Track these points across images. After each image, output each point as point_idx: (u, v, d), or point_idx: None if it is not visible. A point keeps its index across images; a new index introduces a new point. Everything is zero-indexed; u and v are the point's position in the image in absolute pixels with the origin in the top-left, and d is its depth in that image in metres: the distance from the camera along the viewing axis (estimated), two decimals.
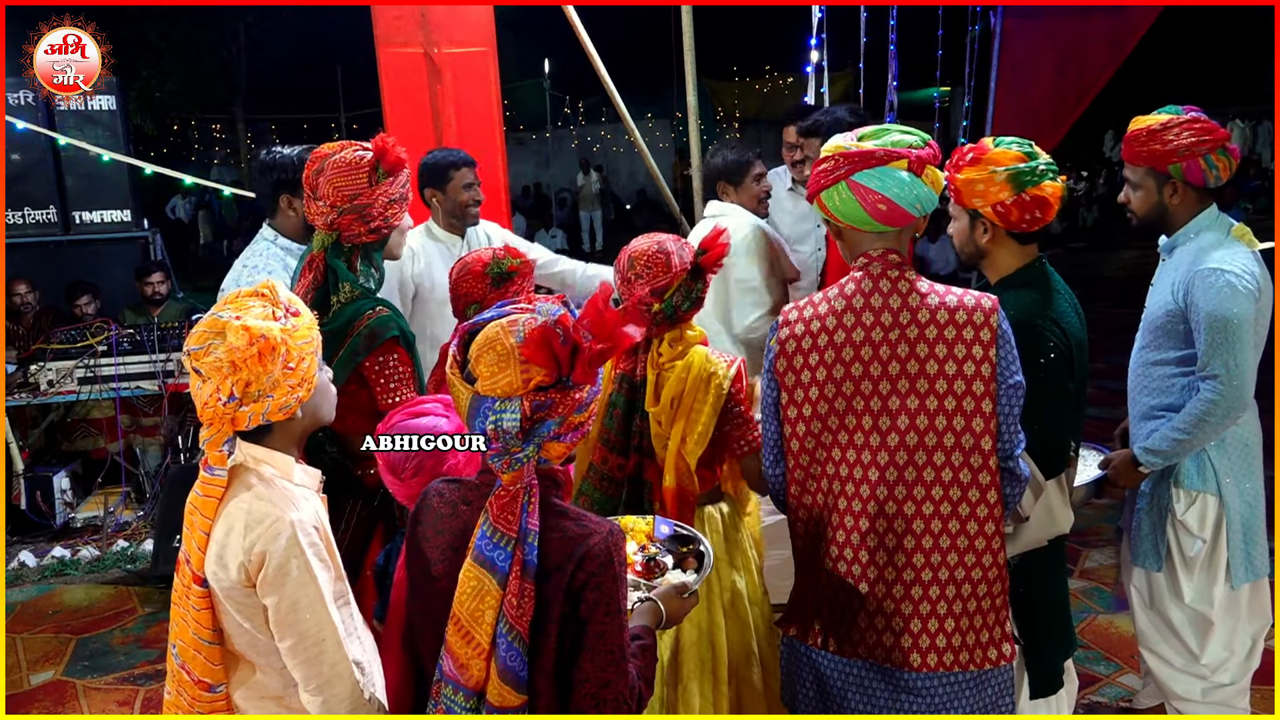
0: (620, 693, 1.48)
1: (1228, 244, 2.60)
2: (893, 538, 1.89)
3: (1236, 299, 2.50)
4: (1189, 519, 2.68)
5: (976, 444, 1.86)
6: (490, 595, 1.43)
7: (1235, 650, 2.75)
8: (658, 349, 2.29)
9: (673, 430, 2.25)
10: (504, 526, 1.44)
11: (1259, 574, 2.73)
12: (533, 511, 1.46)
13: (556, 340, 1.42)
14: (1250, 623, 2.77)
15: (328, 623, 1.63)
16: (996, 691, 1.96)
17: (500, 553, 1.43)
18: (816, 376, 1.92)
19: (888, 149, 1.85)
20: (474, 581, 1.44)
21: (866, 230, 1.91)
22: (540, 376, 1.42)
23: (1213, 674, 2.75)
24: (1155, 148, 2.53)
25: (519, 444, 1.43)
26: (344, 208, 2.28)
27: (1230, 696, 2.81)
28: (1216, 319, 2.49)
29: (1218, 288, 2.50)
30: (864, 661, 1.94)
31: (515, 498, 1.45)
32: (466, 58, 4.24)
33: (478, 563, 1.44)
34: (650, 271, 2.27)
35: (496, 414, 1.43)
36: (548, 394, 1.44)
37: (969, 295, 1.89)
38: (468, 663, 1.44)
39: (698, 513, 2.35)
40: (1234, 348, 2.50)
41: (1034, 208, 2.15)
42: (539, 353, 1.41)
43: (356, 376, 2.27)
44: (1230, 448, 2.67)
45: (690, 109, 4.68)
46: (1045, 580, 2.36)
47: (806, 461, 1.96)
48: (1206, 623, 2.72)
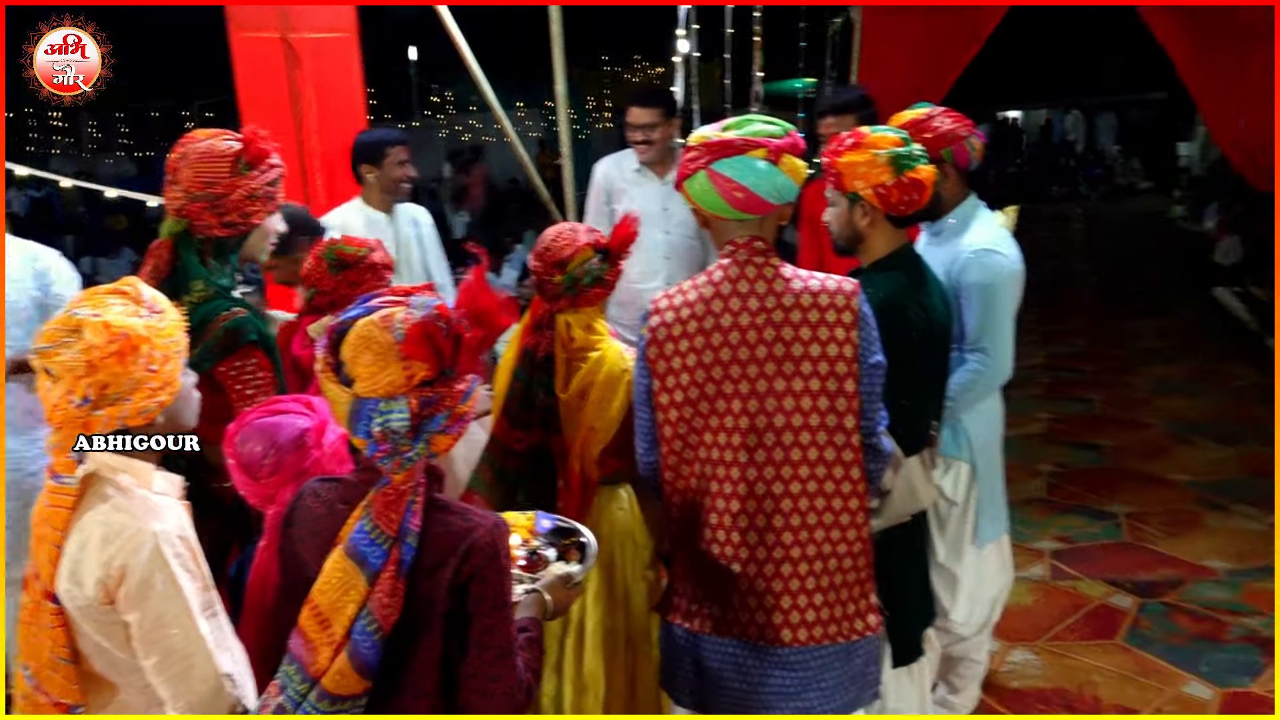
0: (509, 687, 1.48)
1: (991, 226, 2.81)
2: (763, 518, 1.95)
3: (1004, 277, 2.73)
4: (944, 484, 2.84)
5: (840, 423, 1.93)
6: (356, 590, 1.41)
7: (979, 605, 2.96)
8: (568, 332, 2.29)
9: (580, 419, 2.28)
10: (384, 525, 1.42)
11: (1000, 534, 2.99)
12: (417, 510, 1.44)
13: (440, 333, 1.40)
14: (993, 580, 3.00)
15: (196, 636, 1.57)
16: (864, 660, 2.05)
17: (375, 550, 1.41)
18: (687, 363, 1.96)
19: (746, 138, 1.90)
20: (341, 574, 1.41)
21: (729, 219, 1.96)
22: (424, 372, 1.41)
23: (958, 628, 2.95)
24: (926, 136, 2.64)
25: (409, 443, 1.41)
26: (197, 194, 2.18)
27: (970, 649, 3.04)
28: (987, 296, 2.69)
29: (988, 266, 2.71)
30: (738, 640, 2.00)
31: (402, 496, 1.43)
32: (327, 44, 4.09)
33: (349, 556, 1.42)
34: (556, 244, 2.30)
35: (384, 415, 1.40)
36: (434, 388, 1.42)
37: (831, 280, 1.96)
38: (318, 648, 1.42)
39: (606, 491, 2.38)
40: (1000, 323, 2.72)
41: (912, 190, 2.24)
42: (421, 348, 1.39)
43: (209, 382, 2.16)
44: (981, 417, 2.87)
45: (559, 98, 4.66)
46: (906, 553, 2.47)
47: (680, 447, 2.00)
48: (955, 580, 2.90)
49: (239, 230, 2.26)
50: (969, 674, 3.12)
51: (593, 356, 2.28)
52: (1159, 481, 5.11)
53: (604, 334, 2.33)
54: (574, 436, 2.28)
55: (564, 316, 2.30)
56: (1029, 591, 3.99)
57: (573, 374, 2.28)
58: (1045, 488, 5.10)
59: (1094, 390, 6.80)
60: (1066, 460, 5.48)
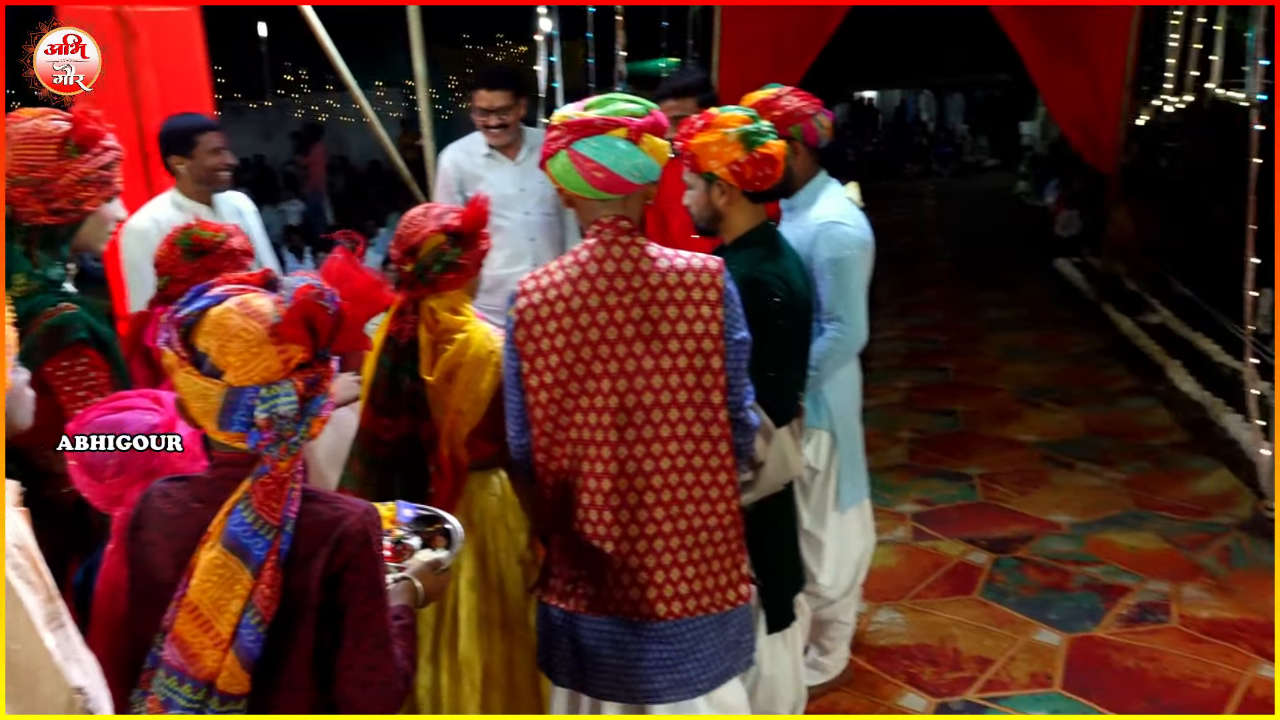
0: (387, 676, 1.46)
1: (838, 199, 2.91)
2: (634, 495, 1.97)
3: (853, 248, 2.83)
4: (806, 453, 2.93)
5: (708, 399, 1.97)
6: (241, 585, 1.37)
7: (844, 568, 3.09)
8: (433, 316, 2.25)
9: (448, 402, 2.24)
10: (267, 514, 1.38)
11: (861, 498, 3.12)
12: (296, 498, 1.41)
13: (319, 313, 1.37)
14: (857, 543, 3.14)
15: (41, 651, 1.47)
16: (738, 629, 2.10)
17: (258, 541, 1.37)
18: (556, 344, 1.95)
19: (606, 118, 1.90)
20: (221, 570, 1.37)
21: (591, 198, 1.96)
22: (300, 354, 1.38)
23: (826, 591, 3.06)
24: (774, 114, 2.71)
25: (293, 427, 1.38)
26: (20, 179, 2.03)
27: (838, 611, 3.16)
28: (836, 267, 2.79)
29: (837, 238, 2.81)
30: (614, 618, 2.02)
31: (283, 484, 1.39)
32: (166, 18, 3.84)
33: (230, 550, 1.37)
34: (406, 231, 2.26)
35: (268, 401, 1.36)
36: (314, 369, 1.39)
37: (696, 258, 1.99)
38: (200, 653, 1.37)
39: (478, 477, 2.35)
40: (852, 291, 2.82)
41: (764, 165, 2.28)
42: (298, 330, 1.36)
43: (38, 383, 2.02)
44: (840, 388, 2.98)
45: (418, 77, 4.56)
46: (777, 522, 2.54)
47: (551, 428, 2.00)
48: (820, 545, 3.02)
49: (69, 218, 2.11)
50: (838, 635, 3.24)
51: (459, 339, 2.24)
52: (1009, 443, 5.41)
53: (470, 316, 2.29)
54: (442, 420, 2.25)
55: (428, 301, 2.26)
56: (892, 553, 4.17)
57: (439, 357, 2.24)
58: (906, 454, 5.33)
59: (949, 359, 7.12)
60: (925, 427, 5.73)
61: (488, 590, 2.33)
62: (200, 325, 1.39)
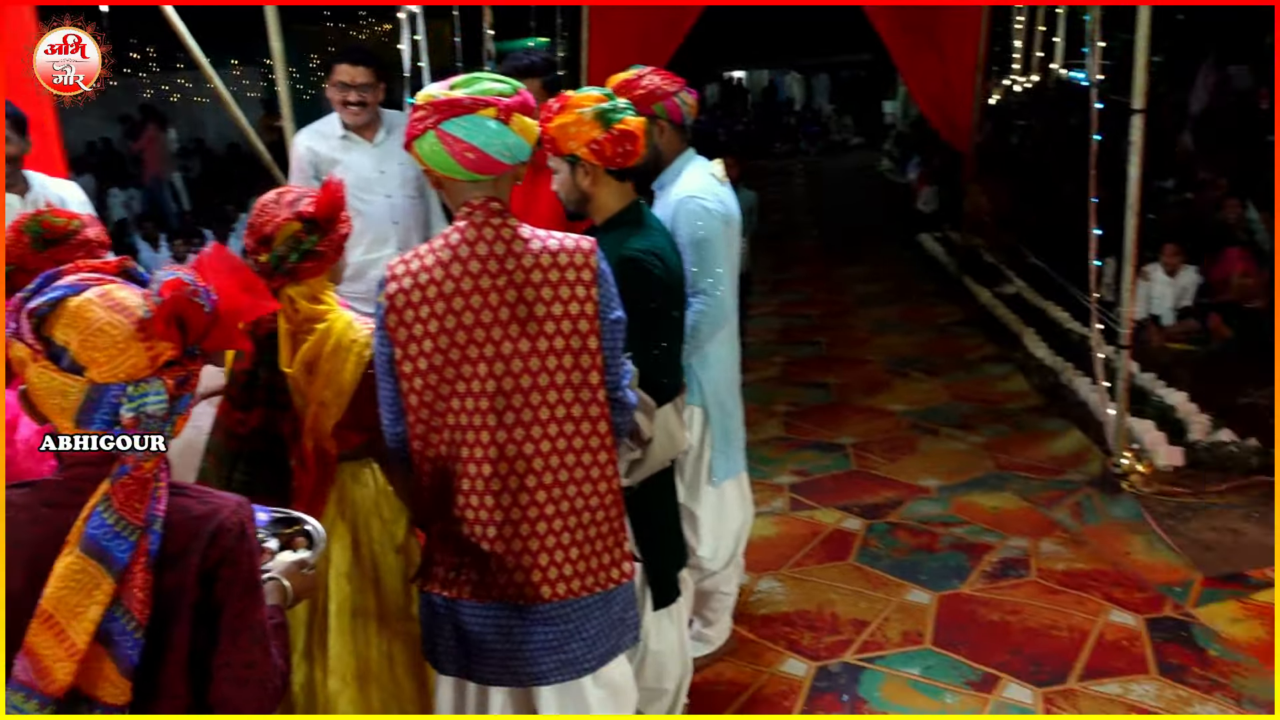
0: (265, 673, 1.42)
1: (701, 175, 2.95)
2: (515, 479, 1.95)
3: (711, 221, 2.85)
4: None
5: (585, 379, 1.96)
6: (101, 590, 1.30)
7: (723, 540, 3.15)
8: (292, 305, 2.16)
9: (309, 393, 2.16)
10: (130, 515, 1.31)
11: (736, 472, 3.18)
12: (161, 496, 1.35)
13: (193, 310, 1.32)
14: (734, 515, 3.20)
15: None
16: (622, 606, 2.11)
17: (121, 543, 1.31)
18: (429, 329, 1.91)
19: (475, 97, 1.86)
20: (80, 576, 1.30)
21: (461, 179, 1.92)
22: (170, 351, 1.32)
23: (706, 563, 3.12)
24: (636, 94, 2.74)
25: (160, 425, 1.33)
26: None
27: (720, 583, 3.24)
28: (698, 241, 2.82)
29: (695, 213, 2.84)
30: (499, 603, 2.00)
31: (146, 484, 1.33)
32: None
33: (89, 555, 1.30)
34: (259, 220, 2.16)
35: (135, 400, 1.31)
36: (184, 366, 1.35)
37: (569, 239, 1.98)
38: (51, 666, 1.29)
39: (349, 468, 2.28)
40: (713, 265, 2.86)
41: (624, 141, 2.28)
42: (169, 326, 1.31)
43: None
44: (712, 364, 3.02)
45: (276, 55, 4.38)
46: (658, 500, 2.57)
47: (427, 415, 1.96)
48: (695, 519, 3.07)
49: None
50: (721, 606, 3.31)
51: (319, 328, 2.17)
52: (879, 413, 5.61)
53: (332, 304, 2.22)
54: (304, 412, 2.18)
55: (287, 290, 2.17)
56: (772, 524, 4.28)
57: (298, 348, 2.17)
58: (782, 427, 5.47)
59: (821, 333, 7.34)
60: (800, 399, 5.89)
61: (363, 583, 2.27)
62: (57, 316, 1.32)
